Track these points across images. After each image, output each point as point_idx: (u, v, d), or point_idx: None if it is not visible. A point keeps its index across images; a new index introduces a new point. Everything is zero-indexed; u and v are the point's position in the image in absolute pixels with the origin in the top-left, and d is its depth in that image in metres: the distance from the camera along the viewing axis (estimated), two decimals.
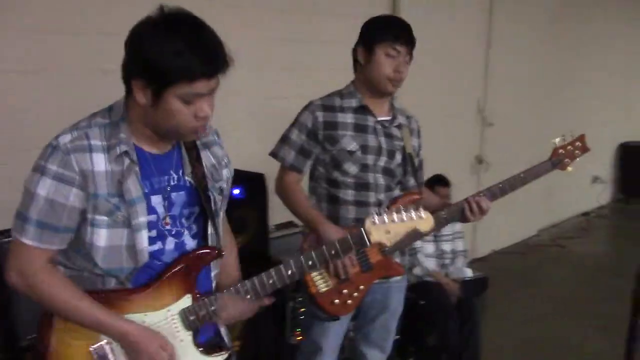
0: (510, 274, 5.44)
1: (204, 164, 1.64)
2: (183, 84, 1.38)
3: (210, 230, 1.65)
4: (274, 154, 2.45)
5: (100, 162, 1.46)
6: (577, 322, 4.50)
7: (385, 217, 1.67)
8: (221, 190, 1.70)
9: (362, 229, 1.71)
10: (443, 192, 3.79)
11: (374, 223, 1.67)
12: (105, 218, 1.48)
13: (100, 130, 1.48)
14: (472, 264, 4.23)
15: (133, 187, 1.49)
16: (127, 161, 1.49)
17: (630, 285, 3.20)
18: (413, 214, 1.68)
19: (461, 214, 2.41)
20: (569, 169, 2.58)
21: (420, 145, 2.59)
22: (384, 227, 1.68)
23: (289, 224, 3.44)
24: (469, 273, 4.17)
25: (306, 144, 2.39)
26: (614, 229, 7.49)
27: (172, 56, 1.36)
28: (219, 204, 1.69)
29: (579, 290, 5.20)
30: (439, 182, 3.88)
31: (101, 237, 1.49)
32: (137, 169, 1.50)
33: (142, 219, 1.51)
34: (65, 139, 1.45)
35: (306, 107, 2.42)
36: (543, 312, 4.68)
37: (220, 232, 1.70)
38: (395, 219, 1.67)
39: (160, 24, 1.40)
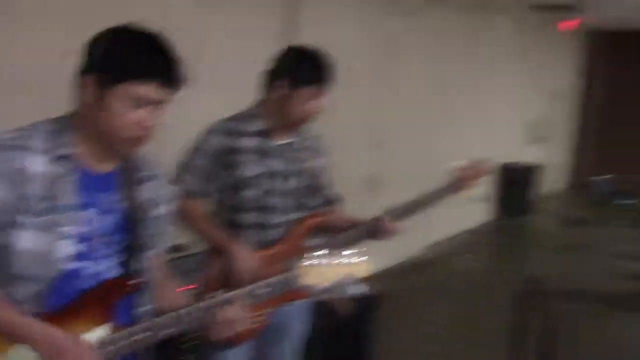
0: (399, 291, 5.54)
1: (142, 195, 1.59)
2: (135, 83, 1.39)
3: (136, 262, 1.58)
4: (174, 181, 2.36)
5: (37, 164, 1.41)
6: (461, 338, 4.65)
7: (321, 259, 1.65)
8: (155, 225, 1.64)
9: (295, 270, 1.68)
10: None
11: (307, 264, 1.65)
12: (32, 220, 1.41)
13: (45, 135, 1.45)
14: (363, 282, 4.27)
15: (67, 193, 1.44)
16: (65, 166, 1.44)
17: (511, 301, 3.34)
18: (350, 257, 1.67)
19: (369, 234, 2.43)
20: (469, 191, 2.66)
21: (326, 165, 2.58)
22: (319, 270, 1.65)
23: (178, 247, 3.32)
24: (359, 291, 4.20)
25: (207, 169, 2.33)
26: (495, 247, 7.86)
27: (131, 53, 1.40)
28: (151, 237, 1.63)
29: (463, 307, 5.39)
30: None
31: (23, 241, 1.41)
32: (74, 176, 1.45)
33: (69, 228, 1.44)
34: (6, 136, 1.42)
35: (207, 132, 2.36)
36: (432, 329, 4.80)
37: (148, 266, 1.63)
38: (332, 262, 1.66)
39: (125, 29, 1.46)
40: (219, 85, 3.64)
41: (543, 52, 9.88)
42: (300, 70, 2.28)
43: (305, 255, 1.68)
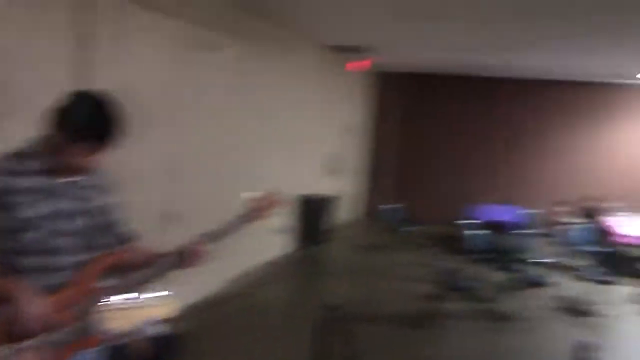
0: (203, 327, 5.45)
1: None
2: None
3: None
4: None
5: None
6: None
7: (122, 301, 1.56)
8: None
9: (95, 314, 1.56)
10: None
11: (108, 307, 1.54)
12: None
13: None
14: (164, 321, 4.13)
15: None
16: None
17: (313, 329, 3.42)
18: (152, 298, 1.60)
19: (178, 262, 2.36)
20: (264, 221, 2.69)
21: (118, 201, 2.46)
22: (120, 312, 1.56)
23: None
24: (160, 330, 4.05)
25: None
26: (297, 277, 8.05)
27: None
28: None
29: (268, 339, 5.42)
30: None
31: None
32: None
33: None
34: None
35: None
36: None
37: None
38: (133, 303, 1.58)
39: None
40: (17, 117, 3.38)
41: (340, 89, 10.50)
42: (82, 123, 2.14)
43: (103, 298, 1.58)
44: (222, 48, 6.10)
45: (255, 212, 2.67)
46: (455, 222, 8.53)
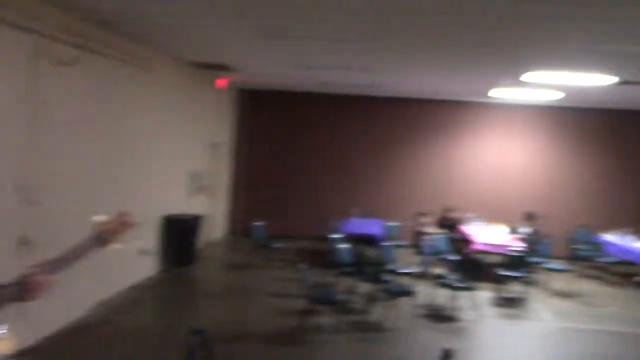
0: (64, 358, 5.06)
1: None
2: None
3: None
4: None
5: None
6: None
7: None
8: None
9: None
10: None
11: None
12: None
13: None
14: (21, 356, 3.77)
15: None
16: None
17: (179, 353, 3.26)
18: None
19: (17, 295, 2.11)
20: (115, 245, 2.51)
21: None
22: None
23: None
24: None
25: None
26: (162, 299, 7.74)
27: None
28: None
29: None
30: None
31: None
32: None
33: None
34: None
35: None
36: None
37: None
38: None
39: None
40: None
41: (206, 106, 10.30)
42: None
43: None
44: (77, 63, 5.75)
45: (106, 235, 2.48)
46: (322, 236, 8.62)
